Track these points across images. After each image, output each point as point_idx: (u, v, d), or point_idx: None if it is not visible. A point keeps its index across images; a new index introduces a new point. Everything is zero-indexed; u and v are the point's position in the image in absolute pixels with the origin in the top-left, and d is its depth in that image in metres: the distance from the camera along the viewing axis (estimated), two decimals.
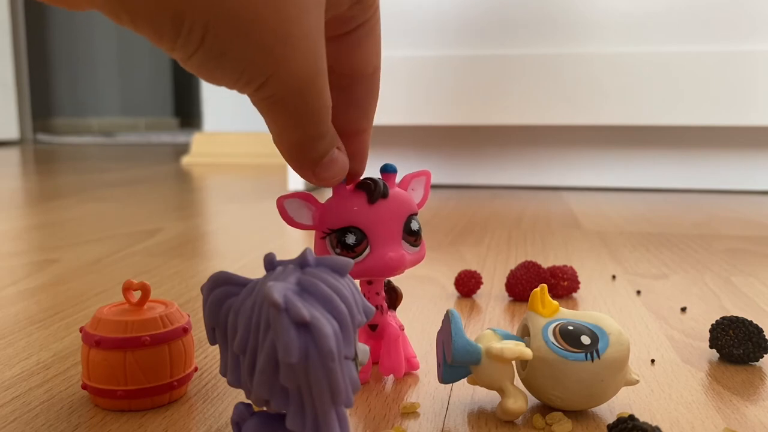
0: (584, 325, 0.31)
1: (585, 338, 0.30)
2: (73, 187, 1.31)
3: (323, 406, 0.22)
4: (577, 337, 0.30)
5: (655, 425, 0.26)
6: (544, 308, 0.32)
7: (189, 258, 0.67)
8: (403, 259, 0.33)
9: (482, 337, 0.32)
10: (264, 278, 0.25)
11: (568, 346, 0.30)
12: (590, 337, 0.31)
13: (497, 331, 0.32)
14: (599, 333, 0.31)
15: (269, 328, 0.22)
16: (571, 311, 0.32)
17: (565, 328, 0.31)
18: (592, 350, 0.30)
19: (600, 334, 0.31)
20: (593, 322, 0.31)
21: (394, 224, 0.34)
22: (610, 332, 0.31)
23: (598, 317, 0.32)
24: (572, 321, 0.31)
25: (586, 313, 0.32)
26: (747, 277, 0.59)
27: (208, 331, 0.26)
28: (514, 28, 1.19)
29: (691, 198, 1.15)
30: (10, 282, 0.57)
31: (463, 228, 0.85)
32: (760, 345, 0.37)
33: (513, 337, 0.32)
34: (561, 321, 0.31)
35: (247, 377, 0.24)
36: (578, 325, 0.31)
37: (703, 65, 1.11)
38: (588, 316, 0.32)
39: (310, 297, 0.23)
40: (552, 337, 0.31)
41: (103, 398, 0.32)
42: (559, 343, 0.30)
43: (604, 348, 0.30)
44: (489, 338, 0.31)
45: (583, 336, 0.30)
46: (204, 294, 0.26)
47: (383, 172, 0.35)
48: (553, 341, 0.30)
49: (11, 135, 2.84)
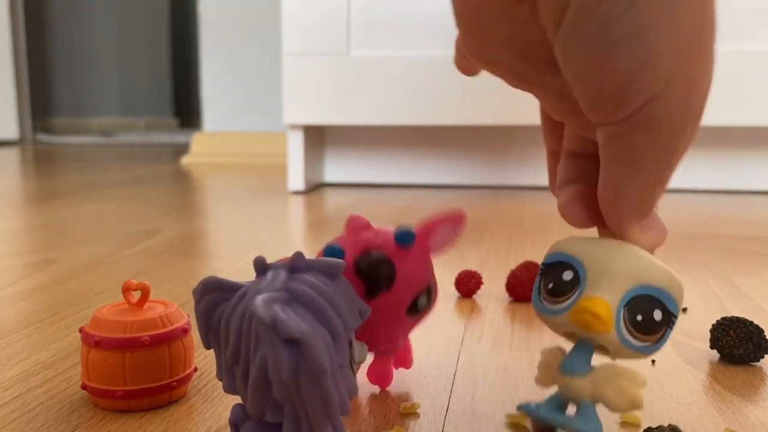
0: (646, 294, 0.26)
1: (657, 313, 0.26)
2: (72, 187, 1.31)
3: (318, 420, 0.22)
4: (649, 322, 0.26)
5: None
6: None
7: (189, 258, 0.67)
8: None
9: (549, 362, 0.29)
10: (254, 283, 0.24)
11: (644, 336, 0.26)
12: (660, 310, 0.26)
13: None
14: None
15: (259, 342, 0.22)
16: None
17: (633, 319, 0.26)
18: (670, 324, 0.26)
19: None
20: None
21: (394, 317, 0.29)
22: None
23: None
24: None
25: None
26: (748, 277, 0.59)
27: (202, 336, 0.26)
28: None
29: (691, 198, 1.15)
30: (10, 282, 0.57)
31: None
32: (761, 345, 0.37)
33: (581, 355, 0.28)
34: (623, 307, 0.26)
35: (242, 385, 0.24)
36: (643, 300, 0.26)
37: None
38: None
39: (300, 307, 0.23)
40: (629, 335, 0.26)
41: (102, 398, 0.32)
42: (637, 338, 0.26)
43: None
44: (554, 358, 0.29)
45: (655, 311, 0.26)
46: (195, 300, 0.25)
47: (398, 242, 0.29)
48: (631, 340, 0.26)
49: (11, 135, 2.84)
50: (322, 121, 1.21)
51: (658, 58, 0.21)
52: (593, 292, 0.26)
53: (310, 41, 1.15)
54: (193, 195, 1.30)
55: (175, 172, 1.68)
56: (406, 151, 1.31)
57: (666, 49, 0.21)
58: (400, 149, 1.31)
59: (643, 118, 0.22)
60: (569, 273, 0.27)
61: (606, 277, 0.26)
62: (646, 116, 0.22)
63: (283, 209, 1.05)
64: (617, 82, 0.22)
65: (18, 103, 2.93)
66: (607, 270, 0.26)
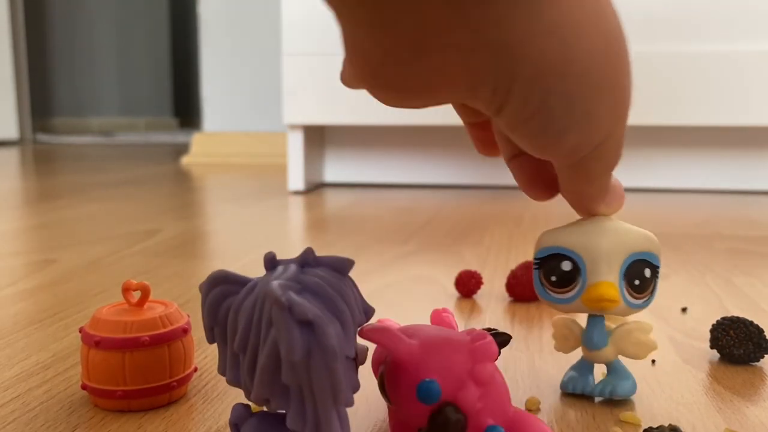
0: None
1: (647, 271, 0.31)
2: (72, 187, 1.31)
3: (324, 405, 0.22)
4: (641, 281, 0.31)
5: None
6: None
7: (189, 258, 0.67)
8: None
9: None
10: (264, 277, 0.24)
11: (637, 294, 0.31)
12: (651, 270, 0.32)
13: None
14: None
15: (271, 326, 0.22)
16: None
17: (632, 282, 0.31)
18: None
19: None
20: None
21: None
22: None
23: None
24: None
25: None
26: (748, 277, 0.59)
27: (206, 330, 0.26)
28: None
29: (691, 198, 1.15)
30: (9, 282, 0.57)
31: (464, 228, 0.85)
32: (761, 345, 0.37)
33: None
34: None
35: (247, 376, 0.24)
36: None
37: (703, 65, 1.11)
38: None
39: (312, 296, 0.23)
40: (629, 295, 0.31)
41: (102, 398, 0.32)
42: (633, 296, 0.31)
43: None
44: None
45: (645, 270, 0.31)
46: (203, 293, 0.25)
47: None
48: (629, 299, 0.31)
49: (11, 135, 2.84)
50: (322, 121, 1.21)
51: (599, 126, 0.25)
52: (596, 277, 0.31)
53: (310, 41, 1.15)
54: (193, 195, 1.30)
55: (175, 172, 1.68)
56: (406, 151, 1.31)
57: (604, 117, 0.24)
58: (400, 149, 1.31)
59: (592, 155, 0.26)
60: (567, 263, 0.31)
61: (601, 260, 0.31)
62: (595, 154, 0.26)
63: (283, 209, 1.05)
64: (567, 148, 0.25)
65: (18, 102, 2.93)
66: (600, 253, 0.31)
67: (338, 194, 1.21)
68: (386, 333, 0.25)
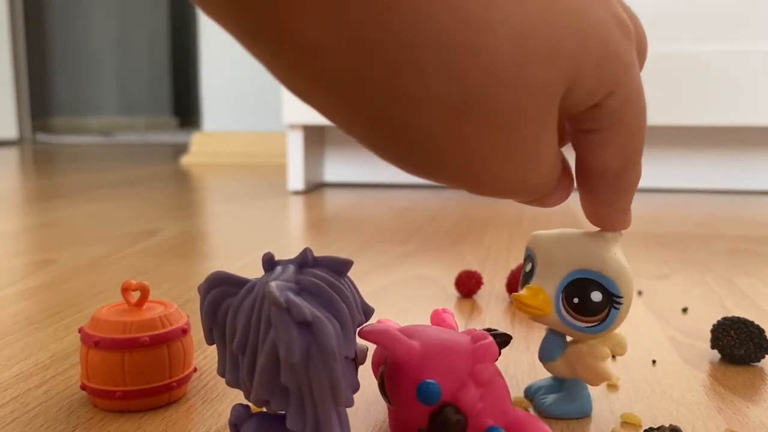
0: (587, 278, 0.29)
1: (595, 294, 0.29)
2: (72, 187, 1.31)
3: (324, 406, 0.22)
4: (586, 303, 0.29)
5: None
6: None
7: (188, 258, 0.67)
8: None
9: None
10: (263, 278, 0.24)
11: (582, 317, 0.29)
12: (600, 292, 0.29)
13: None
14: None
15: (270, 327, 0.22)
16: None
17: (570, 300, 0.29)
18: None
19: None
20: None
21: None
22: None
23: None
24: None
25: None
26: (748, 277, 0.59)
27: (205, 331, 0.26)
28: None
29: (692, 198, 1.15)
30: (9, 282, 0.56)
31: (464, 228, 0.84)
32: (762, 345, 0.37)
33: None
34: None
35: (246, 377, 0.24)
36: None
37: (704, 65, 1.11)
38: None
39: (311, 297, 0.23)
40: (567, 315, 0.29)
41: (101, 399, 0.32)
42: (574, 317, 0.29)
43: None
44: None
45: (593, 293, 0.29)
46: (201, 294, 0.25)
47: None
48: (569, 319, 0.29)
49: (10, 134, 2.84)
50: (322, 121, 1.21)
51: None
52: (536, 281, 0.30)
53: None
54: (193, 195, 1.30)
55: (175, 171, 1.68)
56: None
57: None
58: None
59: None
60: (529, 264, 0.31)
61: (548, 267, 0.29)
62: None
63: (283, 209, 1.04)
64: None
65: (17, 102, 2.93)
66: (549, 260, 0.29)
67: (338, 194, 1.21)
68: (386, 334, 0.25)
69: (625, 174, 0.25)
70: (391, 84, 0.18)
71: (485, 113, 0.19)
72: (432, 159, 0.20)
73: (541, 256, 0.30)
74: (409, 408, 0.25)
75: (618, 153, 0.24)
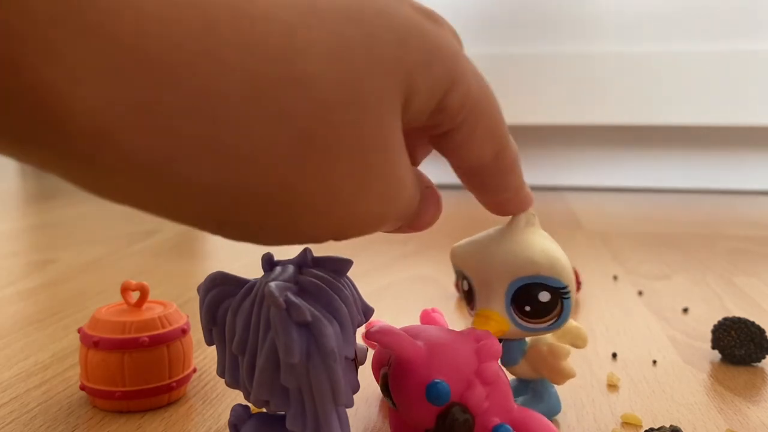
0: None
1: (543, 295, 0.27)
2: (71, 187, 1.30)
3: (324, 406, 0.22)
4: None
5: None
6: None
7: (188, 258, 0.67)
8: None
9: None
10: (263, 278, 0.24)
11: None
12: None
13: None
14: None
15: (269, 328, 0.22)
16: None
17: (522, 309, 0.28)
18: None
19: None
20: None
21: None
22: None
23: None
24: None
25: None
26: (749, 277, 0.59)
27: (204, 332, 0.26)
28: (516, 27, 1.19)
29: (692, 198, 1.15)
30: (8, 282, 0.56)
31: (464, 228, 0.84)
32: (762, 346, 0.37)
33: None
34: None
35: (246, 378, 0.24)
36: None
37: (704, 65, 1.11)
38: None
39: (310, 297, 0.23)
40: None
41: (101, 399, 0.32)
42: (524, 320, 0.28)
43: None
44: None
45: (540, 294, 0.27)
46: (201, 294, 0.25)
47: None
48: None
49: None
50: None
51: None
52: (482, 304, 0.28)
53: None
54: None
55: None
56: None
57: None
58: None
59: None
60: (466, 283, 0.29)
61: (488, 285, 0.28)
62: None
63: None
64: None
65: None
66: (484, 278, 0.28)
67: None
68: (393, 335, 0.25)
69: (502, 155, 0.24)
70: (215, 145, 0.16)
71: (324, 146, 0.17)
72: (292, 217, 0.18)
73: (473, 274, 0.28)
74: (415, 408, 0.25)
75: (485, 141, 0.23)
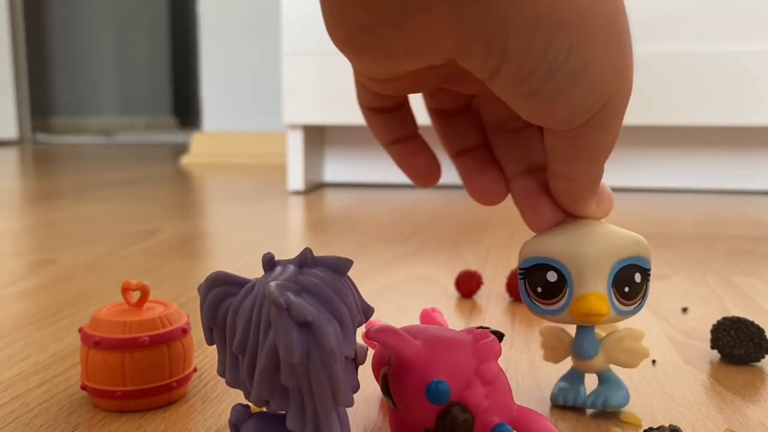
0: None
1: (637, 276, 0.29)
2: (71, 187, 1.31)
3: (324, 406, 0.22)
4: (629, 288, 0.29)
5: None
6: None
7: (188, 258, 0.67)
8: None
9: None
10: (263, 278, 0.24)
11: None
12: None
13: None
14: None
15: (270, 327, 0.22)
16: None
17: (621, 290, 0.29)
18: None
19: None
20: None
21: None
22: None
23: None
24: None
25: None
26: (749, 277, 0.59)
27: (205, 331, 0.26)
28: None
29: (692, 198, 1.15)
30: (9, 282, 0.56)
31: (464, 228, 0.85)
32: (762, 345, 0.37)
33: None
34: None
35: (246, 377, 0.24)
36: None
37: (704, 65, 1.11)
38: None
39: (310, 297, 0.23)
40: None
41: (102, 399, 0.32)
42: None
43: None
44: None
45: (635, 275, 0.29)
46: (201, 294, 0.25)
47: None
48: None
49: (10, 134, 2.84)
50: (322, 121, 1.21)
51: (601, 81, 0.23)
52: (584, 288, 0.29)
53: (310, 40, 1.15)
54: (193, 195, 1.30)
55: (175, 172, 1.68)
56: None
57: (606, 71, 0.23)
58: None
59: (596, 122, 0.24)
60: (553, 274, 0.29)
61: (588, 270, 0.29)
62: (598, 120, 0.24)
63: (283, 209, 1.04)
64: (569, 111, 0.23)
65: (17, 102, 2.93)
66: (587, 262, 0.29)
67: (338, 194, 1.21)
68: (393, 334, 0.25)
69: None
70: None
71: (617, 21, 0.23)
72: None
73: (571, 261, 0.29)
74: (415, 408, 0.25)
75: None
